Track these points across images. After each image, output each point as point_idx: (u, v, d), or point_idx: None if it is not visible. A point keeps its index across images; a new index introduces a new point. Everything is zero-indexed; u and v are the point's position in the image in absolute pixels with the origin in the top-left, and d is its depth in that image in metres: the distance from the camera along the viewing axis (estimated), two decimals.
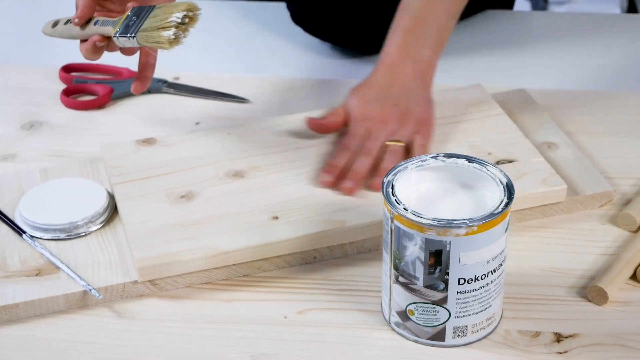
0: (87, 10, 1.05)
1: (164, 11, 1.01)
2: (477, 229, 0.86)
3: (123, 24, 1.03)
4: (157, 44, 1.00)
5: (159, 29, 1.00)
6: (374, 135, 1.10)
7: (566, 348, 0.92)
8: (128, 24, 1.03)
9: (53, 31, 1.10)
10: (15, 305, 0.95)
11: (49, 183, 1.08)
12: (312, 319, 0.95)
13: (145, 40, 1.01)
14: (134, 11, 1.04)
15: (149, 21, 1.02)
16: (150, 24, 1.01)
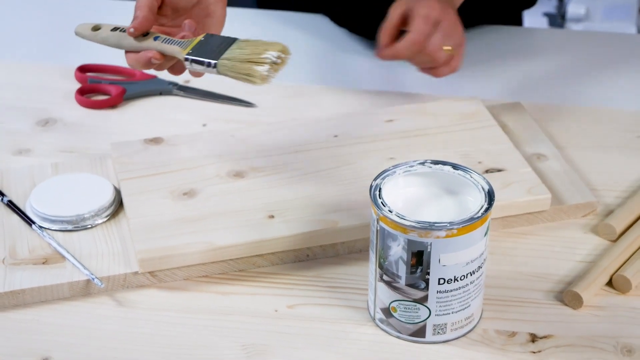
0: (146, 22, 1.05)
1: (254, 46, 1.01)
2: (457, 232, 0.91)
3: (197, 48, 1.03)
4: (245, 77, 1.00)
5: (250, 62, 1.00)
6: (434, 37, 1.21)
7: (540, 348, 0.97)
8: (204, 49, 1.02)
9: (93, 35, 1.10)
10: (22, 291, 1.01)
11: (60, 177, 1.14)
12: (301, 313, 1.01)
13: (230, 69, 1.01)
14: (207, 37, 1.04)
15: (234, 52, 1.01)
16: (238, 55, 1.01)
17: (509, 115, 1.28)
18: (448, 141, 1.20)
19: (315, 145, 1.19)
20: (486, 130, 1.22)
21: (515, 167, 1.15)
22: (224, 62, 1.01)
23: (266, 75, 1.00)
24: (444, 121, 1.23)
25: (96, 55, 1.43)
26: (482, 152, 1.18)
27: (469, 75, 1.41)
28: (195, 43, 1.04)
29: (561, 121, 1.30)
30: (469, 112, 1.25)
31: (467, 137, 1.21)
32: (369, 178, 1.11)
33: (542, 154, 1.21)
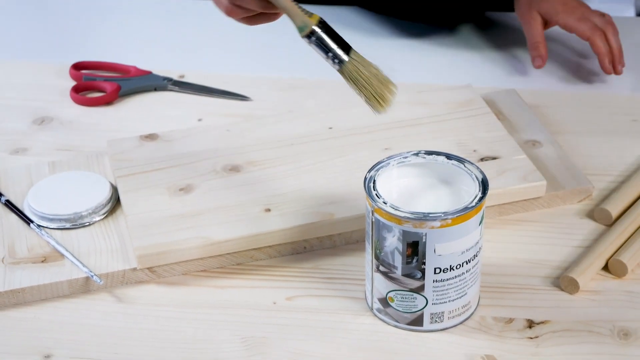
0: None
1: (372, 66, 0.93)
2: (451, 222, 0.92)
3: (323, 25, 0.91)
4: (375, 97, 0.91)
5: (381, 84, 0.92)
6: (591, 14, 1.33)
7: (537, 334, 0.98)
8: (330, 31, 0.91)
9: None
10: (22, 290, 1.01)
11: (57, 175, 1.15)
12: (299, 305, 1.01)
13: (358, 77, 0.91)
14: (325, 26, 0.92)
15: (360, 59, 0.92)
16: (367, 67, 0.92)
17: (503, 102, 1.28)
18: (443, 130, 1.20)
19: (310, 138, 1.19)
20: (480, 118, 1.23)
21: (510, 155, 1.16)
22: (356, 63, 0.91)
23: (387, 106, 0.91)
24: (438, 110, 1.24)
25: (91, 53, 1.43)
26: (476, 140, 1.18)
27: (461, 62, 1.42)
28: (317, 19, 0.92)
29: (556, 107, 1.31)
30: (463, 101, 1.25)
31: (461, 125, 1.21)
32: (363, 169, 1.11)
33: (537, 140, 1.21)
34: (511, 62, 1.41)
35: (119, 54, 1.43)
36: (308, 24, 0.91)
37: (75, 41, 1.24)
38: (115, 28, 1.52)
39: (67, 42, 1.45)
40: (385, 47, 1.46)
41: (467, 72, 1.40)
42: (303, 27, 0.92)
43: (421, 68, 1.41)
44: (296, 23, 0.92)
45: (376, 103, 0.93)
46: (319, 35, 0.92)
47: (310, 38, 0.92)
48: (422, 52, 1.44)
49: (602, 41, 1.32)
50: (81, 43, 1.48)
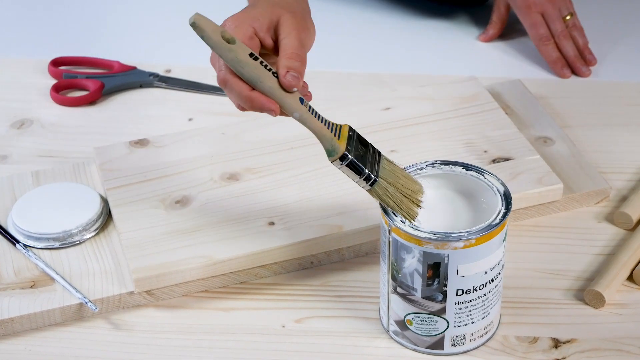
0: None
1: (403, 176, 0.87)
2: (475, 242, 0.86)
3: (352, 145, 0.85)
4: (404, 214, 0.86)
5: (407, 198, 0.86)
6: (551, 16, 1.29)
7: (564, 354, 0.92)
8: (358, 151, 0.85)
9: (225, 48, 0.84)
10: (11, 320, 0.94)
11: (42, 188, 1.07)
12: (310, 328, 0.95)
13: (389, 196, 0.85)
14: (355, 135, 0.87)
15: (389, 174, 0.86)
16: (395, 181, 0.86)
17: (508, 94, 1.22)
18: (450, 129, 1.14)
19: (310, 140, 1.10)
20: (488, 114, 1.16)
21: (523, 155, 1.10)
22: (384, 184, 0.86)
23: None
24: (443, 106, 1.17)
25: (70, 48, 1.35)
26: (486, 140, 1.12)
27: (460, 50, 1.35)
28: (346, 134, 0.86)
29: (563, 98, 1.25)
30: (469, 95, 1.19)
31: (469, 123, 1.15)
32: None
33: (548, 137, 1.15)
34: (512, 50, 1.35)
35: (100, 49, 1.35)
36: (337, 149, 0.86)
37: (54, 35, 1.15)
38: (96, 20, 1.43)
39: (45, 36, 1.37)
40: (380, 34, 1.39)
41: (467, 60, 1.34)
42: (332, 151, 0.86)
43: (417, 56, 1.35)
44: (324, 145, 0.87)
45: (403, 217, 0.87)
46: (350, 161, 0.86)
47: (340, 163, 0.86)
48: (418, 39, 1.38)
49: (551, 48, 1.29)
50: (60, 37, 1.39)
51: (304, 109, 0.86)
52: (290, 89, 0.85)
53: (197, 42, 1.36)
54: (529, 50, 1.34)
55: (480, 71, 1.28)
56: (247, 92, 0.86)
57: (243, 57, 0.84)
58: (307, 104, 0.86)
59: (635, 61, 1.32)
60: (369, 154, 0.88)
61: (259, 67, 0.85)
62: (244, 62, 0.84)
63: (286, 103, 0.85)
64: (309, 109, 0.86)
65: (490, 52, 1.35)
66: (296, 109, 0.86)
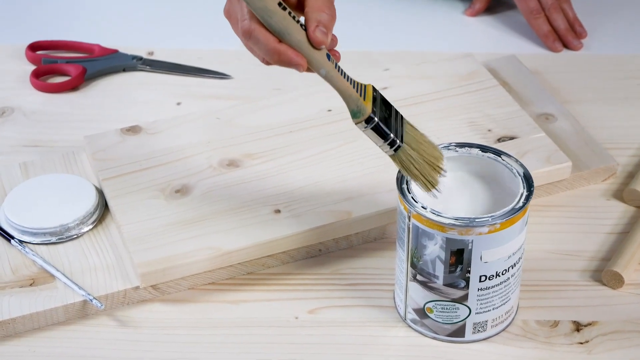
0: None
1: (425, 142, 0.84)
2: (499, 227, 0.83)
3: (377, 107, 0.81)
4: (425, 182, 0.82)
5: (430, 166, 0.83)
6: None
7: (586, 337, 0.90)
8: (383, 114, 0.82)
9: None
10: (12, 320, 0.90)
11: (33, 181, 1.02)
12: (324, 319, 0.92)
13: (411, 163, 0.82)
14: (379, 97, 0.83)
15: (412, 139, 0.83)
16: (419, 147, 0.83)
17: (505, 71, 1.20)
18: (450, 108, 1.11)
19: (309, 123, 1.09)
20: (489, 91, 1.14)
21: (528, 133, 1.07)
22: (408, 149, 0.82)
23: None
24: (441, 85, 1.14)
25: (47, 31, 1.30)
26: (489, 118, 1.09)
27: (449, 27, 1.32)
28: (371, 95, 0.82)
29: (558, 73, 1.23)
30: (467, 72, 1.16)
31: (469, 101, 1.12)
32: (375, 157, 1.03)
33: (550, 113, 1.13)
34: (499, 25, 1.32)
35: (78, 31, 1.30)
36: (363, 110, 0.82)
37: (29, 18, 1.10)
38: (72, 1, 1.37)
39: (20, 20, 1.31)
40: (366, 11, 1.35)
41: (455, 35, 1.31)
42: (357, 112, 0.82)
43: (404, 32, 1.32)
44: (349, 106, 0.83)
45: (424, 186, 0.84)
46: (376, 123, 0.82)
47: (365, 126, 0.82)
48: (402, 15, 1.35)
49: (542, 22, 1.27)
50: (35, 20, 1.33)
51: (330, 66, 0.81)
52: (318, 45, 0.80)
53: (180, 23, 1.33)
54: (517, 24, 1.32)
55: (468, 46, 1.26)
56: (275, 44, 0.80)
57: (272, 5, 0.79)
58: (333, 60, 0.82)
59: (624, 33, 1.30)
60: (392, 117, 0.84)
61: (288, 18, 0.80)
62: (273, 11, 0.79)
63: (314, 59, 0.81)
64: (336, 67, 0.82)
65: (478, 26, 1.33)
66: (323, 65, 0.81)
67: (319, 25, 0.81)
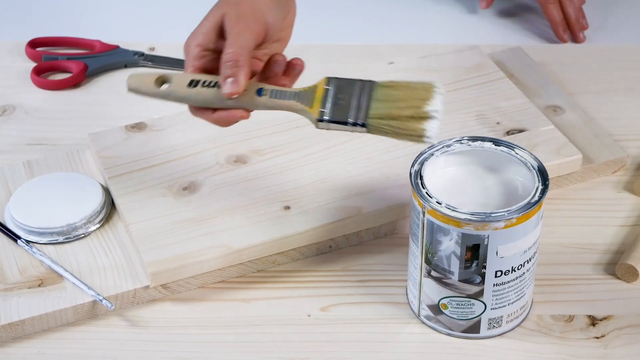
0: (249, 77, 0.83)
1: (408, 92, 0.83)
2: (515, 221, 0.82)
3: (327, 104, 0.82)
4: (413, 137, 0.81)
5: (412, 119, 0.81)
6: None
7: (602, 332, 0.89)
8: (338, 104, 0.82)
9: (162, 93, 0.86)
10: (22, 322, 0.88)
11: (38, 179, 1.01)
12: (337, 316, 0.91)
13: (389, 130, 0.81)
14: (335, 85, 0.84)
15: (383, 105, 0.82)
16: (391, 110, 0.82)
17: (511, 62, 1.19)
18: (458, 101, 1.10)
19: None
20: (496, 84, 1.13)
21: (537, 126, 1.06)
22: (377, 122, 0.82)
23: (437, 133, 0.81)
24: (448, 78, 1.13)
25: (47, 27, 1.28)
26: (497, 111, 1.08)
27: (449, 20, 1.31)
28: (321, 95, 0.84)
29: (564, 64, 1.22)
30: (473, 65, 1.15)
31: (477, 94, 1.11)
32: (383, 151, 1.02)
33: (558, 105, 1.12)
34: (501, 16, 1.31)
35: (79, 27, 1.28)
36: (311, 117, 0.84)
37: (28, 15, 1.08)
38: None
39: (20, 16, 1.29)
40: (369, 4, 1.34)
41: (465, 27, 1.30)
42: (311, 120, 0.85)
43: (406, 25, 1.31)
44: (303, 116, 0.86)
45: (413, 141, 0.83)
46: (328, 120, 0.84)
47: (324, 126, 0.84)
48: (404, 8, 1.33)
49: (555, 9, 1.25)
50: (35, 17, 1.32)
51: (265, 100, 0.85)
52: (230, 97, 0.83)
53: (181, 17, 1.31)
54: (522, 15, 1.32)
55: (473, 38, 1.25)
56: (210, 116, 0.86)
57: (182, 92, 0.85)
58: (266, 91, 0.85)
59: (630, 24, 1.29)
60: (355, 96, 0.84)
61: (201, 91, 0.84)
62: (186, 96, 0.85)
63: (246, 104, 0.85)
64: (271, 95, 0.85)
65: (483, 18, 1.32)
66: (258, 103, 0.85)
67: (226, 80, 0.83)
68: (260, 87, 0.85)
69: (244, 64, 0.83)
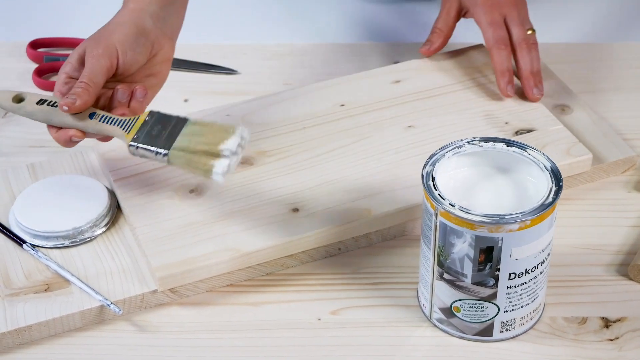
0: (91, 99, 0.91)
1: (209, 131, 0.90)
2: (530, 223, 0.81)
3: (143, 132, 0.90)
4: (202, 172, 0.88)
5: (207, 155, 0.88)
6: (514, 20, 1.10)
7: (616, 334, 0.88)
8: (151, 133, 0.90)
9: (15, 108, 0.94)
10: (28, 328, 0.87)
11: (42, 182, 1.00)
12: (347, 320, 0.90)
13: (183, 162, 0.89)
14: (155, 117, 0.91)
15: (187, 139, 0.90)
16: (191, 144, 0.89)
17: None
18: (466, 100, 1.09)
19: (322, 119, 1.07)
20: None
21: (546, 125, 1.05)
22: (177, 153, 0.89)
23: (226, 171, 0.88)
24: (455, 77, 1.12)
25: (48, 28, 1.27)
26: (505, 111, 1.08)
27: None
28: (140, 124, 0.91)
29: (570, 63, 1.21)
30: (480, 64, 1.14)
31: (484, 93, 1.10)
32: (392, 152, 1.02)
33: (566, 104, 1.11)
34: None
35: (80, 28, 1.26)
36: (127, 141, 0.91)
37: (28, 15, 1.07)
38: None
39: (19, 17, 1.28)
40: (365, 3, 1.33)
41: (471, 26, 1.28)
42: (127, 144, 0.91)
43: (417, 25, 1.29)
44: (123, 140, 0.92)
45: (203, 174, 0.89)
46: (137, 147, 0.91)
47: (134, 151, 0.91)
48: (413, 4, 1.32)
49: (504, 57, 1.08)
50: (35, 17, 1.30)
51: (94, 122, 0.91)
52: (62, 109, 0.90)
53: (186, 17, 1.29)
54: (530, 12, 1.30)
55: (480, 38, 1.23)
56: (54, 134, 0.92)
57: (30, 108, 0.92)
58: (98, 115, 0.91)
59: (635, 21, 1.28)
60: (167, 130, 0.91)
61: (46, 109, 0.92)
62: (33, 112, 0.92)
63: (79, 125, 0.91)
64: (100, 119, 0.91)
65: None
66: (88, 125, 0.91)
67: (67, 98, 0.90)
68: (94, 112, 0.91)
69: (86, 87, 0.91)
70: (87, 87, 0.91)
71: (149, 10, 0.96)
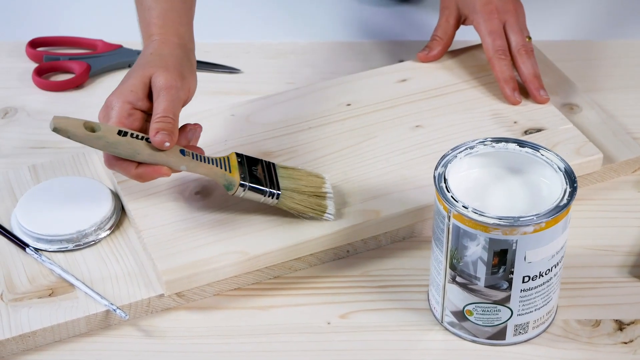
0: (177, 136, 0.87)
1: (303, 175, 0.92)
2: (544, 225, 0.80)
3: (244, 172, 0.89)
4: (315, 212, 0.91)
5: (315, 197, 0.91)
6: (513, 27, 1.08)
7: (630, 337, 0.87)
8: (252, 174, 0.89)
9: (89, 137, 0.85)
10: (33, 333, 0.86)
11: (44, 184, 0.98)
12: (357, 323, 0.88)
13: (294, 203, 0.90)
14: (244, 159, 0.91)
15: (289, 181, 0.91)
16: (298, 186, 0.91)
17: None
18: (473, 99, 1.08)
19: (327, 119, 1.05)
20: None
21: (556, 125, 1.04)
22: (288, 193, 0.90)
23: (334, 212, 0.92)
24: (461, 75, 1.11)
25: (48, 27, 1.25)
26: (513, 110, 1.06)
27: None
28: (235, 163, 0.90)
29: (578, 60, 1.19)
30: (486, 62, 1.12)
31: (492, 92, 1.09)
32: (399, 153, 1.00)
33: (575, 103, 1.10)
34: None
35: (80, 26, 1.25)
36: (232, 182, 0.89)
37: (29, 14, 1.05)
38: None
39: (19, 15, 1.26)
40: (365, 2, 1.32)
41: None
42: (229, 185, 0.89)
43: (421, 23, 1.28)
44: (220, 182, 0.89)
45: (316, 216, 0.91)
46: (248, 187, 0.89)
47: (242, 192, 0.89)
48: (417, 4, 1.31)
49: (505, 66, 1.07)
50: (35, 16, 1.28)
51: (188, 160, 0.87)
52: (162, 146, 0.85)
53: None
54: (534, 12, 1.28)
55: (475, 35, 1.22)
56: (133, 170, 0.86)
57: (112, 138, 0.85)
58: (188, 152, 0.87)
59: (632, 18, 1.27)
60: (264, 170, 0.91)
61: (132, 141, 0.85)
62: (116, 143, 0.85)
63: (170, 162, 0.86)
64: (193, 157, 0.88)
65: None
66: (181, 162, 0.87)
67: (158, 131, 0.85)
68: (182, 148, 0.88)
69: (175, 119, 0.86)
70: (174, 124, 0.87)
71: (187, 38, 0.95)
